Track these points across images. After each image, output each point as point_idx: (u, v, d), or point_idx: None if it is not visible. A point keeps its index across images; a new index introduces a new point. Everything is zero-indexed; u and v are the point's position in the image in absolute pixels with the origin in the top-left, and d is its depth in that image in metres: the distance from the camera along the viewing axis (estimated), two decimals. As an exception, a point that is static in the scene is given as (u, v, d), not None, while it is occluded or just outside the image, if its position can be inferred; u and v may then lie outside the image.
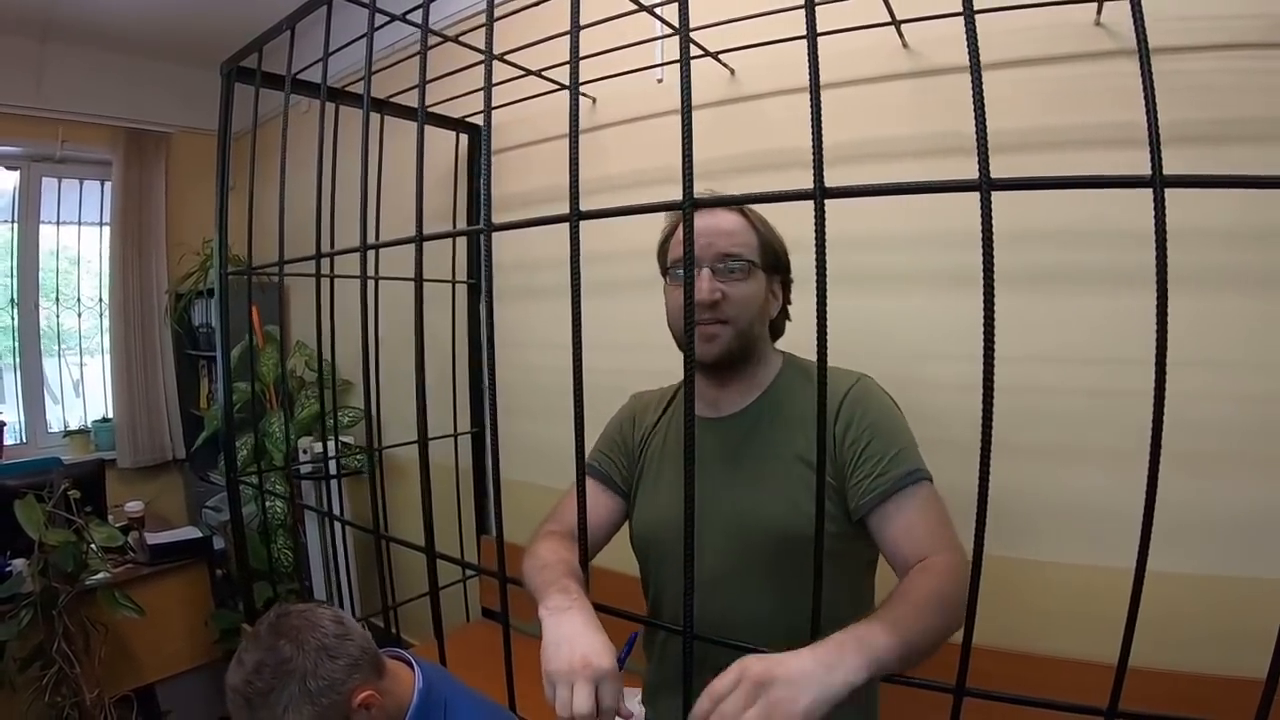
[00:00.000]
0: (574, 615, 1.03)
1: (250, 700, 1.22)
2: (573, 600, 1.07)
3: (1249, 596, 1.67)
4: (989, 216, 0.80)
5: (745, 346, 1.31)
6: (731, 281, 1.27)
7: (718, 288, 1.25)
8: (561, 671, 0.95)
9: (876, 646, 0.89)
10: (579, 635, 1.00)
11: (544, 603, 1.08)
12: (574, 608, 1.05)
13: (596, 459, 1.49)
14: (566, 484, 1.31)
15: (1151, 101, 0.76)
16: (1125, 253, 1.70)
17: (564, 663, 0.96)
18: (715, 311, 1.26)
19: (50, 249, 4.45)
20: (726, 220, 1.30)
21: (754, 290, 1.29)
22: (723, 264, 1.27)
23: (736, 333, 1.28)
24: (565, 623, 1.02)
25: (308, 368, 3.87)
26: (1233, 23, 1.65)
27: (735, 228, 1.29)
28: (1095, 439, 1.82)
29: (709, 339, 1.27)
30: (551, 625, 1.03)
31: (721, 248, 1.27)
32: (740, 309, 1.27)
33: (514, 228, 1.19)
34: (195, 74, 4.46)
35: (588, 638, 0.99)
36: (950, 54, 1.95)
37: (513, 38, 2.32)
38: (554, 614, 1.04)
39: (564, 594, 1.08)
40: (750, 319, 1.29)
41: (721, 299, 1.25)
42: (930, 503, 1.19)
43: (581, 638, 0.99)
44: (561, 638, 1.00)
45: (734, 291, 1.27)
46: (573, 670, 0.95)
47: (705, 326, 1.26)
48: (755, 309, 1.30)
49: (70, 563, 2.71)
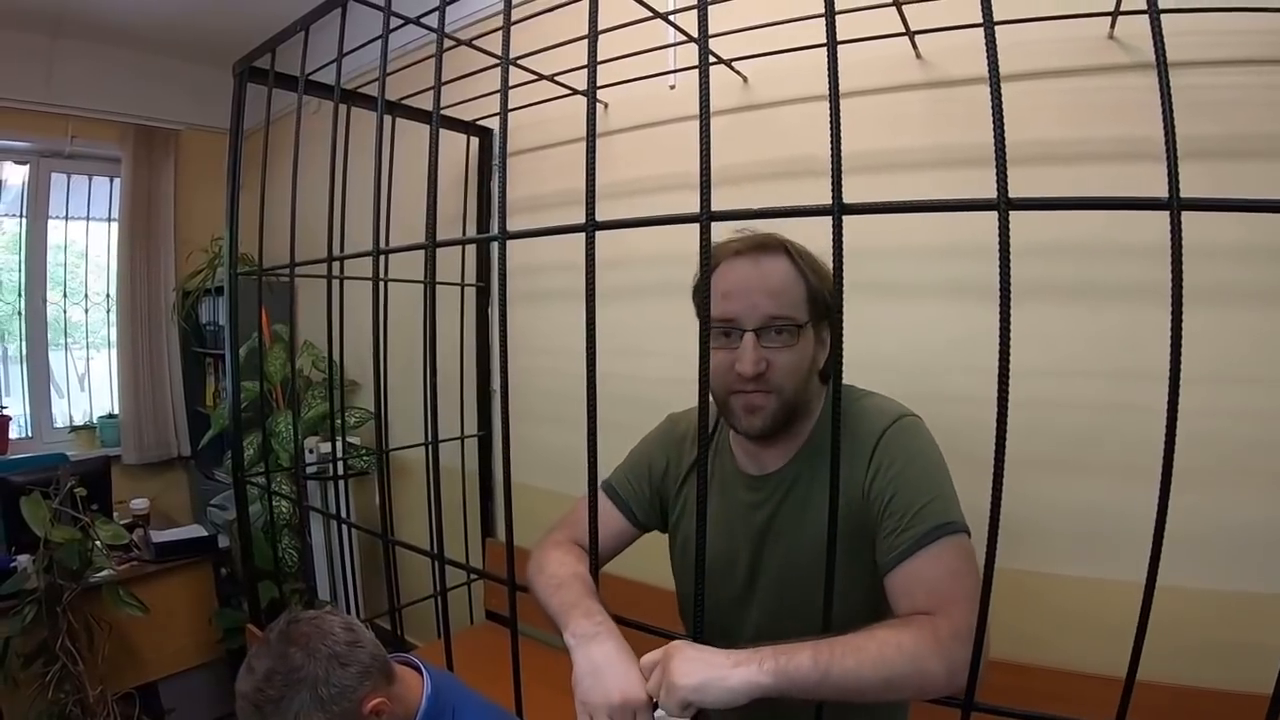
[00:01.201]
0: (604, 643, 1.03)
1: (261, 708, 1.22)
2: (598, 625, 1.06)
3: (1255, 611, 1.67)
4: (1006, 236, 0.80)
5: (792, 413, 1.21)
6: (779, 349, 1.16)
7: (763, 358, 1.15)
8: (599, 706, 0.97)
9: (791, 665, 0.92)
10: (613, 667, 1.00)
11: (570, 628, 1.07)
12: (601, 633, 1.05)
13: (620, 485, 1.44)
14: (571, 488, 1.31)
15: (1170, 122, 0.76)
16: (1138, 267, 1.70)
17: (601, 697, 0.97)
18: (760, 383, 1.16)
19: (58, 244, 4.46)
20: (775, 274, 1.17)
21: (802, 355, 1.19)
22: (769, 328, 1.16)
23: (783, 403, 1.18)
24: (596, 652, 1.02)
25: (315, 367, 3.87)
26: (1246, 38, 1.65)
27: (783, 284, 1.17)
28: (1106, 453, 1.81)
29: (752, 410, 1.18)
30: (582, 655, 1.03)
31: (768, 310, 1.15)
32: (787, 377, 1.17)
33: (529, 236, 1.18)
34: (205, 71, 4.48)
35: (621, 670, 0.99)
36: (963, 65, 1.96)
37: (525, 42, 2.32)
38: (583, 642, 1.04)
39: (588, 618, 1.08)
40: (797, 386, 1.19)
41: (767, 369, 1.15)
42: (944, 559, 1.06)
43: (615, 670, 0.99)
44: (596, 668, 1.00)
45: (781, 360, 1.16)
46: (610, 706, 0.96)
47: (749, 397, 1.18)
48: (803, 374, 1.20)
49: (75, 560, 2.73)
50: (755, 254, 1.19)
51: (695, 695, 0.91)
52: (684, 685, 0.91)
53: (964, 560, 1.06)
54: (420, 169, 1.36)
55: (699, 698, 0.91)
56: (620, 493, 1.43)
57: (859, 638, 0.95)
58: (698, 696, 0.91)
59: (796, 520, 1.24)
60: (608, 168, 2.63)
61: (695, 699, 0.91)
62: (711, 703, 0.91)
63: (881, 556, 1.11)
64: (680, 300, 1.33)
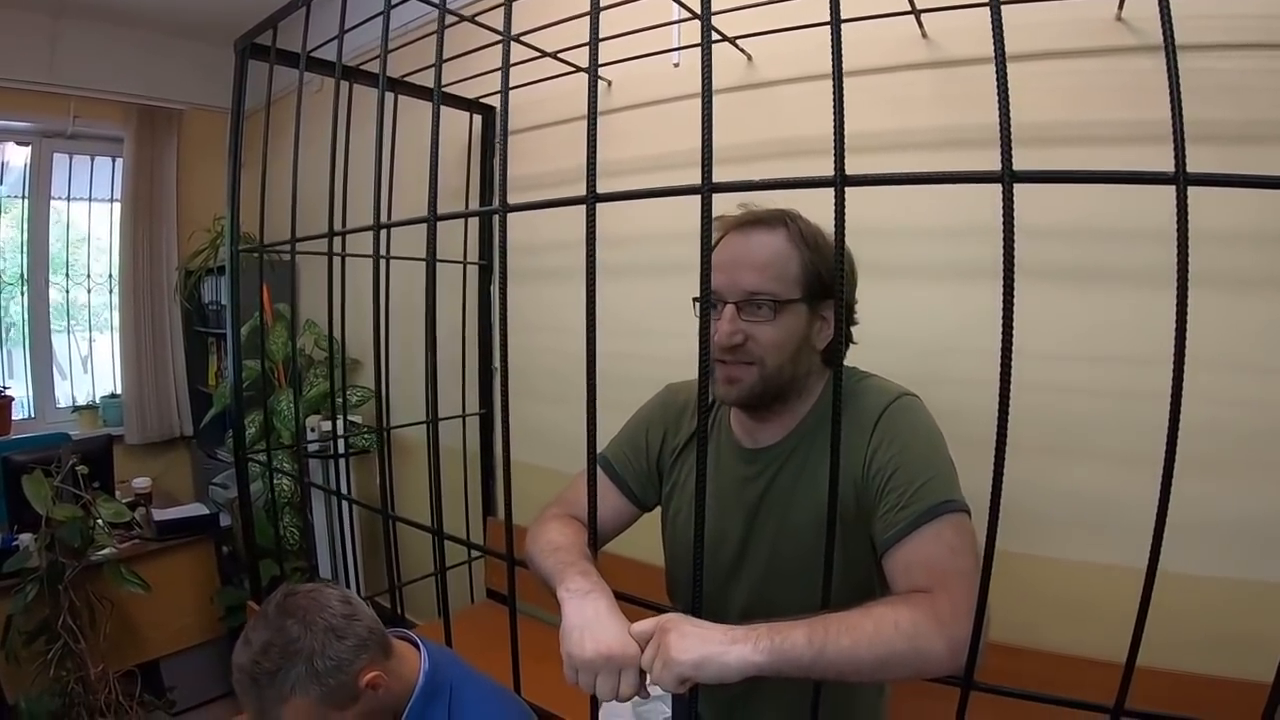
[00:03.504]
0: (595, 600, 1.04)
1: (257, 680, 1.22)
2: (593, 584, 1.07)
3: (1257, 599, 1.66)
4: (1010, 208, 0.79)
5: (775, 389, 1.19)
6: (759, 323, 1.15)
7: (739, 329, 1.14)
8: (586, 660, 0.97)
9: (786, 643, 0.92)
10: (602, 622, 1.00)
11: (564, 584, 1.08)
12: (595, 591, 1.05)
13: (616, 457, 1.42)
14: (571, 467, 1.31)
15: (1176, 98, 0.75)
16: (1150, 251, 1.68)
17: (589, 652, 0.97)
18: (737, 354, 1.16)
19: (61, 224, 4.46)
20: (763, 249, 1.17)
21: (786, 331, 1.16)
22: (750, 302, 1.15)
23: (762, 376, 1.17)
24: (588, 607, 1.02)
25: (317, 346, 3.87)
26: (1259, 22, 1.63)
27: (768, 259, 1.16)
28: (1111, 437, 1.80)
29: (729, 381, 1.18)
30: (573, 609, 1.03)
31: (748, 285, 1.14)
32: (767, 350, 1.16)
33: (529, 209, 1.18)
34: (208, 50, 4.46)
35: (611, 626, 1.00)
36: (969, 45, 1.94)
37: (528, 19, 2.30)
38: (575, 597, 1.04)
39: (584, 577, 1.08)
40: (781, 361, 1.17)
41: (746, 342, 1.15)
42: (943, 536, 1.04)
43: (604, 626, 1.00)
44: (585, 623, 1.00)
45: (760, 333, 1.15)
46: (597, 660, 0.96)
47: (727, 368, 1.17)
48: (788, 350, 1.17)
49: (77, 538, 2.74)
50: (750, 228, 1.19)
51: (693, 671, 0.91)
52: (682, 661, 0.91)
53: (964, 539, 1.05)
54: (422, 147, 1.35)
55: (696, 674, 0.91)
56: (618, 469, 1.42)
57: (855, 615, 0.95)
58: (695, 673, 0.91)
59: (790, 495, 1.23)
60: (610, 146, 2.61)
61: (692, 675, 0.92)
62: (707, 679, 0.92)
63: (880, 533, 1.10)
64: (681, 279, 1.32)
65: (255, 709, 1.25)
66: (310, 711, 1.23)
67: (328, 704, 1.23)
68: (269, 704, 1.23)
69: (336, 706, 1.24)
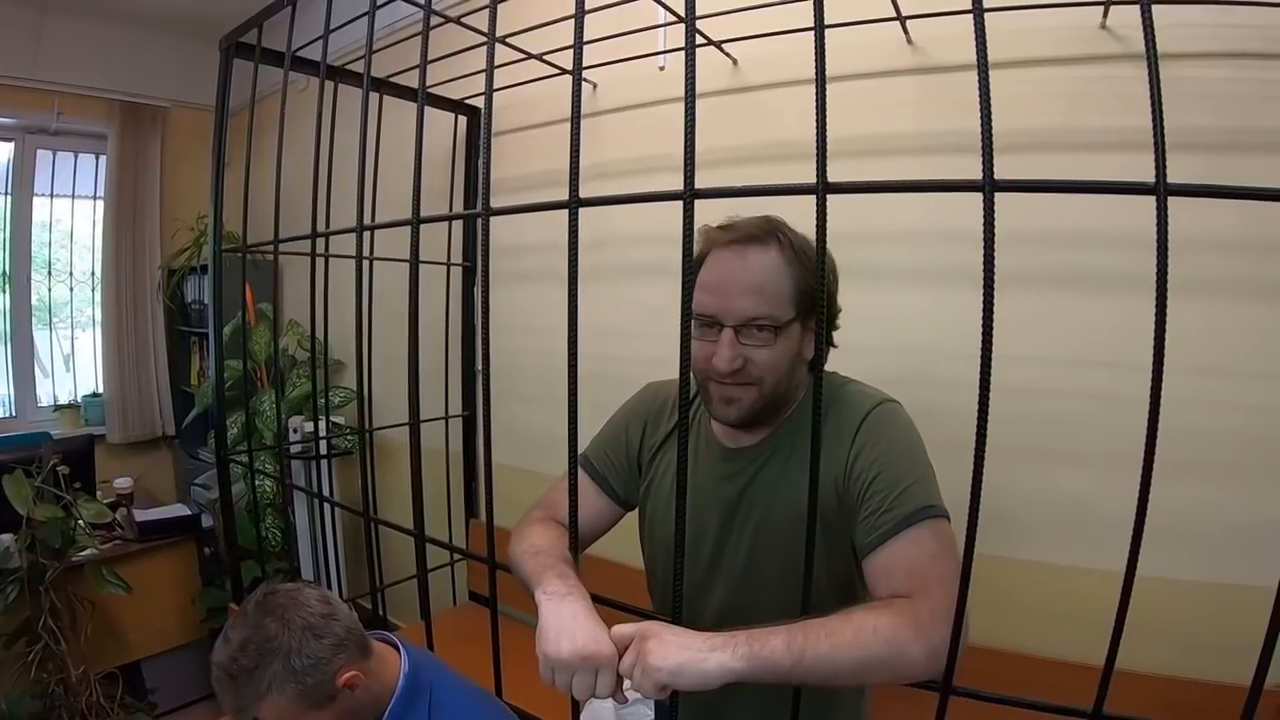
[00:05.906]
0: (572, 602, 1.03)
1: (235, 677, 1.22)
2: (570, 587, 1.07)
3: (1237, 604, 1.66)
4: (991, 217, 0.79)
5: (772, 405, 1.21)
6: (758, 347, 1.15)
7: (740, 355, 1.14)
8: (562, 660, 0.97)
9: (765, 650, 0.92)
10: (578, 623, 1.00)
11: (541, 587, 1.07)
12: (572, 594, 1.05)
13: (596, 456, 1.43)
14: (554, 469, 1.31)
15: (1158, 109, 0.75)
16: (1134, 258, 1.69)
17: (565, 652, 0.97)
18: (738, 376, 1.15)
19: (43, 222, 4.42)
20: (759, 270, 1.14)
21: (784, 351, 1.17)
22: (749, 326, 1.14)
23: (762, 395, 1.17)
24: (564, 609, 1.02)
25: (300, 346, 3.85)
26: (1238, 32, 1.64)
27: (765, 280, 1.14)
28: (1096, 442, 1.81)
29: (728, 401, 1.18)
30: (550, 611, 1.02)
31: (747, 311, 1.13)
32: (766, 371, 1.16)
33: (512, 212, 1.17)
34: (193, 47, 4.43)
35: (586, 626, 0.99)
36: (954, 52, 1.95)
37: (514, 20, 2.30)
38: (552, 599, 1.04)
39: (561, 580, 1.08)
40: (778, 379, 1.18)
41: (746, 365, 1.15)
42: (923, 541, 1.05)
43: (580, 626, 0.99)
44: (561, 624, 1.00)
45: (759, 356, 1.15)
46: (573, 660, 0.96)
47: (725, 388, 1.17)
48: (785, 368, 1.18)
49: (58, 538, 2.71)
50: (743, 246, 1.16)
51: (671, 679, 0.91)
52: (661, 668, 0.91)
53: (944, 544, 1.06)
54: (406, 147, 1.35)
55: (675, 681, 0.92)
56: (599, 468, 1.42)
57: (834, 621, 0.95)
58: (673, 680, 0.91)
59: (771, 495, 1.24)
60: (595, 149, 2.62)
61: (671, 682, 0.92)
62: (686, 686, 0.92)
63: (861, 538, 1.11)
64: (664, 282, 1.32)
65: (233, 706, 1.26)
66: (287, 710, 1.23)
67: (305, 703, 1.23)
68: (246, 701, 1.23)
69: (314, 705, 1.24)
